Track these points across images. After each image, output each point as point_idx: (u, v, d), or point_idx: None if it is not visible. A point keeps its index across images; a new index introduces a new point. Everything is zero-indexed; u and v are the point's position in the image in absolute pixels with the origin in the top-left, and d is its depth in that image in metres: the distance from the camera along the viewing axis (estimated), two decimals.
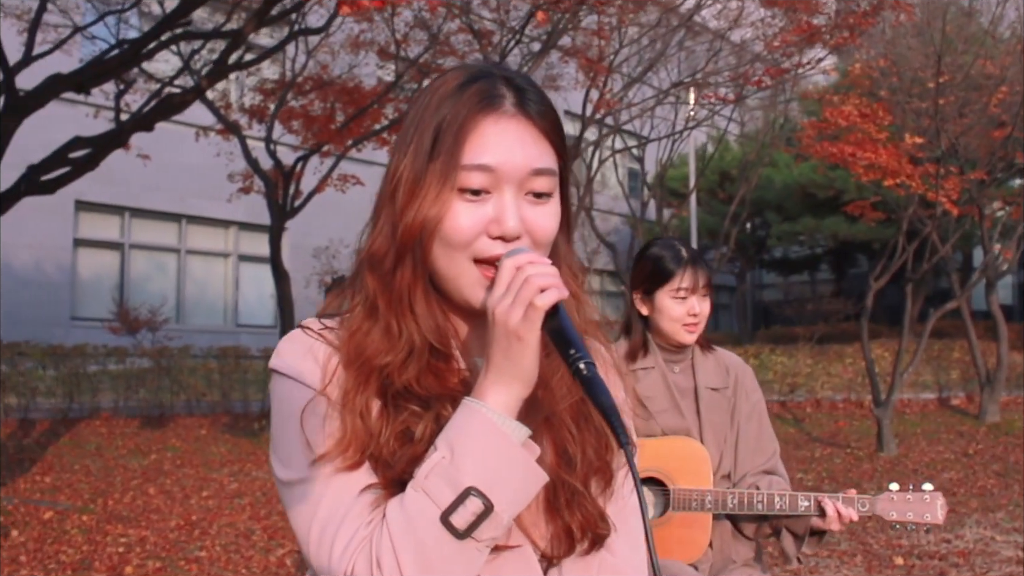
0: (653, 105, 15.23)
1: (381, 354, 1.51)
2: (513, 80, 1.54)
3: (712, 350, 3.73)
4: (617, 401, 1.61)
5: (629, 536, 1.67)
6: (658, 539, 3.45)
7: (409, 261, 1.51)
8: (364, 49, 14.95)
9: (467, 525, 1.39)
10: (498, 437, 1.41)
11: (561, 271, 1.52)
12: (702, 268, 3.54)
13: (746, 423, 3.61)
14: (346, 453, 1.47)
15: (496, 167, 1.48)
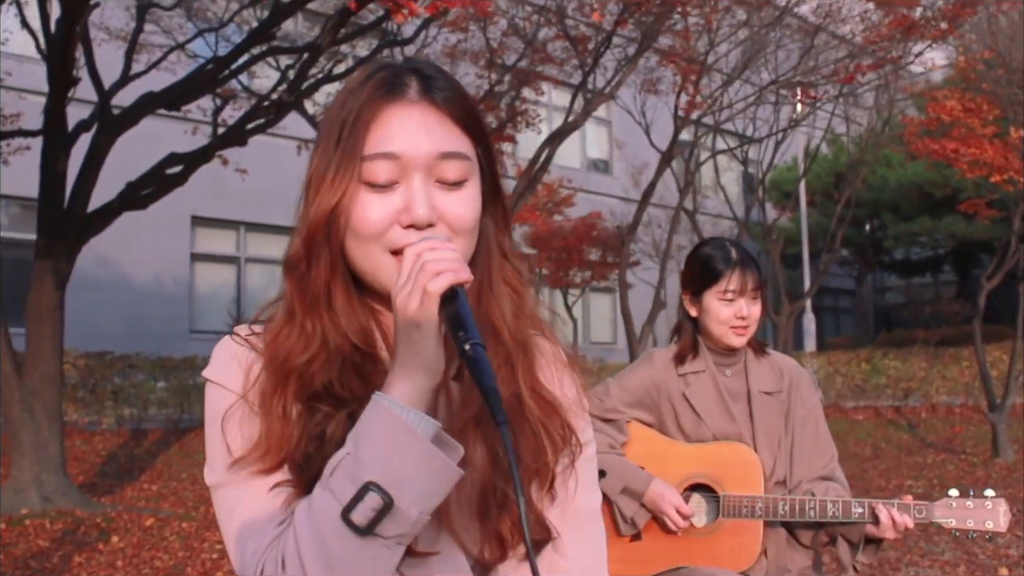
0: (750, 104, 14.94)
1: (296, 356, 1.49)
2: (420, 69, 1.52)
3: (766, 353, 3.63)
4: (557, 396, 1.61)
5: (583, 539, 1.63)
6: (708, 547, 3.38)
7: (323, 259, 1.49)
8: (460, 59, 15.00)
9: (367, 521, 1.34)
10: (399, 430, 1.36)
11: (488, 258, 1.54)
12: (751, 270, 3.46)
13: (802, 428, 3.50)
14: (263, 456, 1.46)
15: (401, 154, 1.45)
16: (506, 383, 1.52)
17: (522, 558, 1.54)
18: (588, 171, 28.46)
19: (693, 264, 3.56)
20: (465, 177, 1.49)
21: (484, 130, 1.55)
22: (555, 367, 1.64)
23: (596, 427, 3.50)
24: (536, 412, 1.55)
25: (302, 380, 1.48)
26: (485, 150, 1.54)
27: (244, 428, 1.49)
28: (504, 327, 1.55)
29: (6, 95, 13.74)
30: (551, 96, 19.58)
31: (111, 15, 13.39)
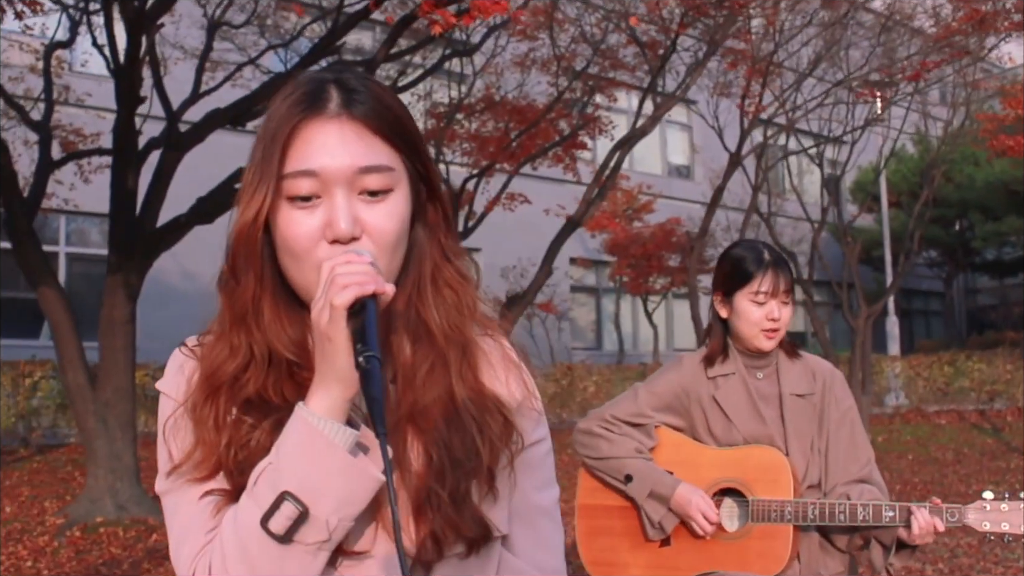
0: (820, 103, 14.70)
1: (224, 368, 1.53)
2: (345, 82, 1.52)
3: (799, 356, 3.58)
4: (501, 395, 1.62)
5: (534, 536, 1.65)
6: (737, 551, 3.35)
7: (250, 272, 1.52)
8: (529, 68, 15.03)
9: (284, 530, 1.39)
10: (314, 440, 1.40)
11: (421, 262, 1.56)
12: (783, 272, 3.41)
13: (836, 431, 3.44)
14: (197, 465, 1.51)
15: (320, 171, 1.47)
16: (438, 382, 1.54)
17: (462, 556, 1.55)
18: (670, 177, 28.36)
19: (724, 264, 3.53)
20: (388, 187, 1.51)
21: (411, 138, 1.56)
22: (500, 367, 1.64)
23: (623, 432, 3.50)
24: (472, 409, 1.56)
25: (232, 390, 1.52)
26: (413, 157, 1.56)
27: (181, 436, 1.54)
28: (437, 327, 1.57)
29: (86, 115, 14.11)
30: (629, 103, 19.51)
31: (187, 34, 13.68)
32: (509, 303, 13.53)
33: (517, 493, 1.63)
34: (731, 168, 13.59)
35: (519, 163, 14.40)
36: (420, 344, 1.55)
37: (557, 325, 23.43)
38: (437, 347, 1.56)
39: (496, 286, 20.82)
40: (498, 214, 15.54)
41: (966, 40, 13.15)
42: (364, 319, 1.39)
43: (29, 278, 8.59)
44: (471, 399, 1.57)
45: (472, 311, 1.62)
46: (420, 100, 15.76)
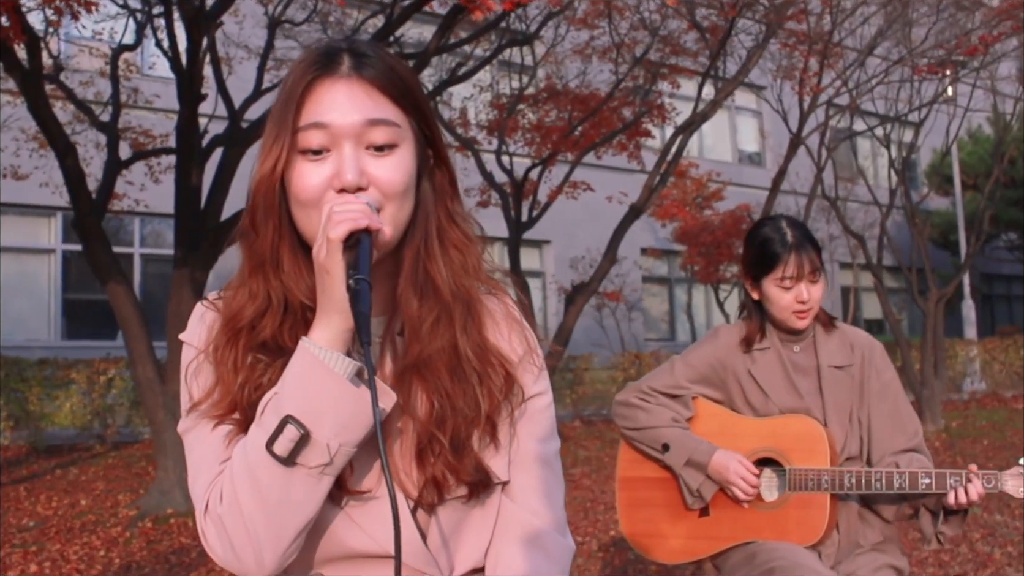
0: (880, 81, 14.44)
1: (244, 313, 1.64)
2: (356, 48, 1.64)
3: (836, 327, 3.56)
4: (503, 350, 1.71)
5: (532, 483, 1.73)
6: (775, 521, 3.36)
7: (269, 223, 1.62)
8: (590, 56, 15.00)
9: (287, 452, 1.49)
10: (316, 368, 1.50)
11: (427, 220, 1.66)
12: (808, 252, 3.37)
13: (879, 403, 3.42)
14: (216, 403, 1.61)
15: (329, 123, 1.57)
16: (442, 335, 1.64)
17: (463, 500, 1.65)
18: (740, 164, 28.12)
19: (750, 249, 3.51)
20: (394, 142, 1.60)
21: (418, 102, 1.66)
22: (504, 324, 1.74)
23: (660, 402, 3.52)
24: (474, 362, 1.65)
25: (251, 335, 1.63)
26: (421, 121, 1.66)
27: (202, 379, 1.66)
28: (443, 282, 1.65)
29: (155, 117, 14.37)
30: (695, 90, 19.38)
31: (251, 34, 13.87)
32: (574, 292, 13.52)
33: (518, 443, 1.71)
34: (791, 151, 13.44)
35: (582, 152, 14.39)
36: (426, 299, 1.64)
37: (628, 315, 23.35)
38: (442, 301, 1.64)
39: (565, 277, 20.83)
40: (567, 206, 15.56)
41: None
42: (357, 251, 1.48)
43: (99, 277, 8.77)
44: (474, 352, 1.66)
45: (476, 271, 1.72)
46: (483, 91, 15.83)
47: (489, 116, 15.16)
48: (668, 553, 3.56)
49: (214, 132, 9.81)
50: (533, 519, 1.70)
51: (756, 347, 3.50)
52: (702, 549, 3.48)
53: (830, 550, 3.33)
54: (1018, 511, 8.15)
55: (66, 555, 7.69)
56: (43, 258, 18.24)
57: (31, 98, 7.99)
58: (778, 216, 3.56)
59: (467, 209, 1.76)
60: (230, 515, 1.52)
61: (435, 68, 13.99)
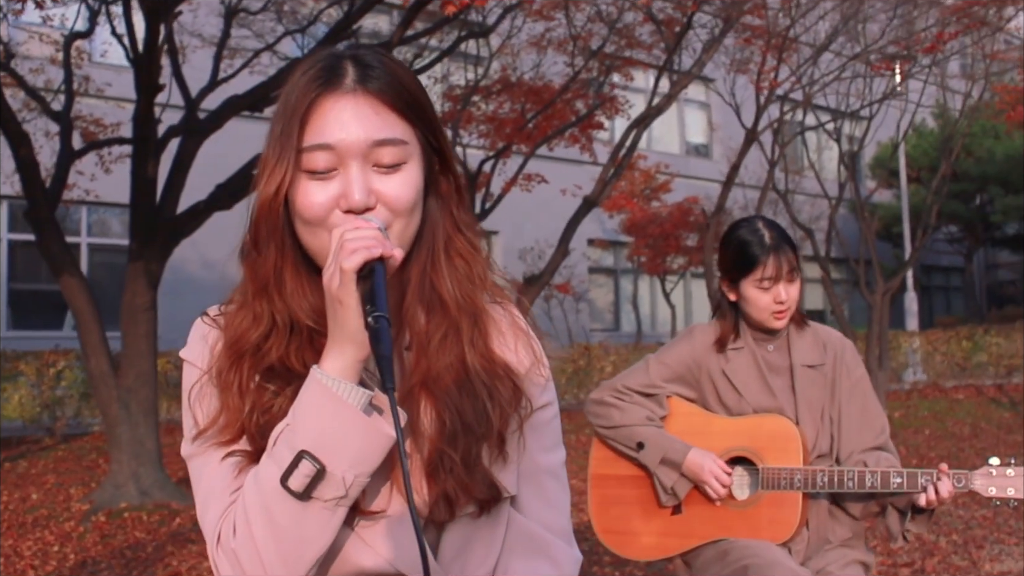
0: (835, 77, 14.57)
1: (248, 336, 1.60)
2: (361, 58, 1.59)
3: (808, 326, 3.61)
4: (511, 362, 1.68)
5: (541, 496, 1.71)
6: (747, 519, 3.40)
7: (272, 243, 1.58)
8: (545, 48, 15.01)
9: (303, 487, 1.46)
10: (329, 400, 1.47)
11: (434, 233, 1.62)
12: (786, 253, 3.41)
13: (848, 401, 3.47)
14: (222, 429, 1.58)
15: (335, 144, 1.53)
16: (450, 350, 1.61)
17: (474, 516, 1.62)
18: (688, 156, 28.30)
19: (727, 250, 3.54)
20: (402, 160, 1.56)
21: (425, 113, 1.62)
22: (510, 335, 1.71)
23: (634, 401, 3.55)
24: (483, 376, 1.63)
25: (256, 357, 1.59)
26: (427, 131, 1.62)
27: (207, 403, 1.61)
28: (450, 297, 1.63)
29: (106, 105, 14.19)
30: (647, 82, 19.47)
31: (204, 22, 13.71)
32: (526, 284, 13.56)
33: (525, 455, 1.69)
34: (746, 145, 13.56)
35: (535, 144, 14.40)
36: (434, 313, 1.61)
37: (575, 306, 23.45)
38: (450, 316, 1.62)
39: (515, 268, 20.85)
40: (517, 197, 15.53)
41: (984, 11, 13.02)
42: (373, 282, 1.44)
43: (52, 268, 8.67)
44: (482, 366, 1.63)
45: (483, 280, 1.68)
46: (437, 83, 15.77)
47: (443, 108, 15.12)
48: (640, 550, 3.60)
49: (168, 122, 9.71)
50: (541, 531, 1.69)
51: (730, 347, 3.55)
52: (674, 546, 3.52)
53: (800, 547, 3.38)
54: (960, 500, 8.31)
55: (19, 551, 7.61)
56: None
57: None
58: (753, 217, 3.59)
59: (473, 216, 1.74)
60: (244, 549, 1.49)
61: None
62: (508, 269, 10.51)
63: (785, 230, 3.53)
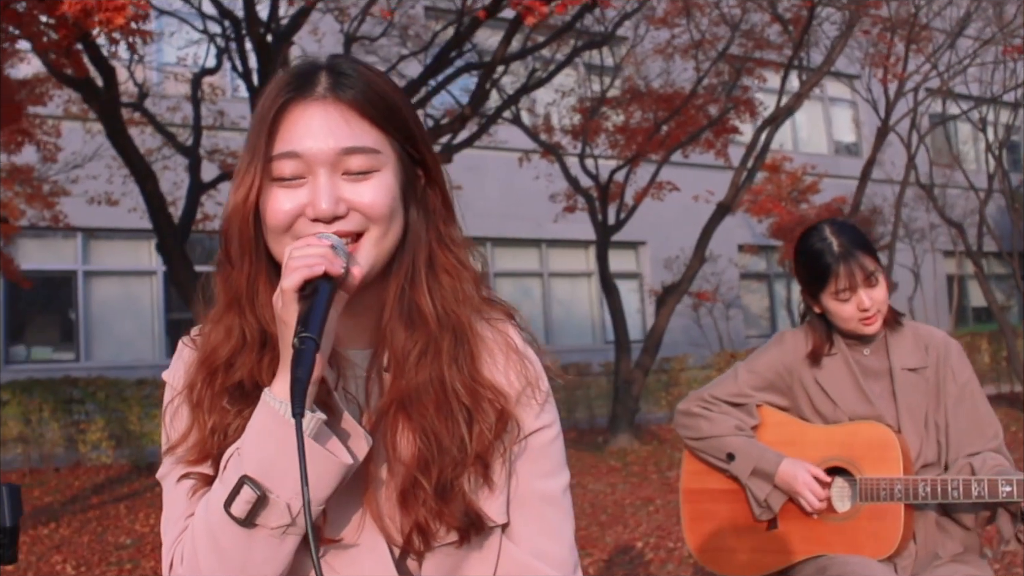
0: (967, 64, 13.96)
1: (219, 351, 1.56)
2: (336, 67, 1.55)
3: (906, 326, 3.38)
4: (499, 384, 1.60)
5: (535, 524, 1.62)
6: (846, 533, 3.22)
7: (245, 254, 1.55)
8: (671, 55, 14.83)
9: (245, 514, 1.41)
10: (275, 424, 1.41)
11: (416, 246, 1.58)
12: (858, 258, 3.18)
13: (956, 406, 3.24)
14: (190, 448, 1.55)
15: (303, 153, 1.49)
16: (428, 367, 1.54)
17: (456, 545, 1.55)
18: (837, 155, 27.62)
19: (799, 264, 3.34)
20: (373, 168, 1.52)
21: (403, 123, 1.57)
22: (500, 356, 1.63)
23: (723, 411, 3.40)
24: (464, 397, 1.55)
25: (227, 374, 1.55)
26: (405, 141, 1.57)
27: (178, 421, 1.59)
28: (430, 312, 1.56)
29: (240, 138, 14.57)
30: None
31: (331, 51, 13.93)
32: (665, 294, 13.38)
33: (518, 481, 1.61)
34: (879, 140, 13.13)
35: (668, 151, 14.22)
36: (413, 329, 1.55)
37: (726, 313, 23.05)
38: (429, 332, 1.56)
39: (661, 278, 20.63)
40: (661, 207, 15.42)
41: None
42: (311, 301, 1.39)
43: (182, 297, 8.91)
44: (464, 386, 1.56)
45: (469, 299, 1.62)
46: (564, 96, 15.73)
47: (574, 121, 15.06)
48: (735, 568, 3.44)
49: None
50: (535, 562, 1.60)
51: (824, 355, 3.35)
52: (771, 563, 3.35)
53: (906, 562, 3.17)
54: None
55: (159, 573, 7.76)
56: (144, 280, 18.62)
57: (109, 126, 8.13)
58: (822, 224, 3.35)
59: (462, 232, 1.67)
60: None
61: (514, 76, 13.92)
62: (655, 279, 10.60)
63: (859, 231, 3.31)
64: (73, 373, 14.12)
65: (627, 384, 13.48)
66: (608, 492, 10.83)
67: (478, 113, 10.65)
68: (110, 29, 5.27)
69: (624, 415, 13.53)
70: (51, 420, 13.07)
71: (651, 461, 12.86)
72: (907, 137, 14.25)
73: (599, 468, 12.64)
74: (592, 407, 16.03)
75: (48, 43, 6.41)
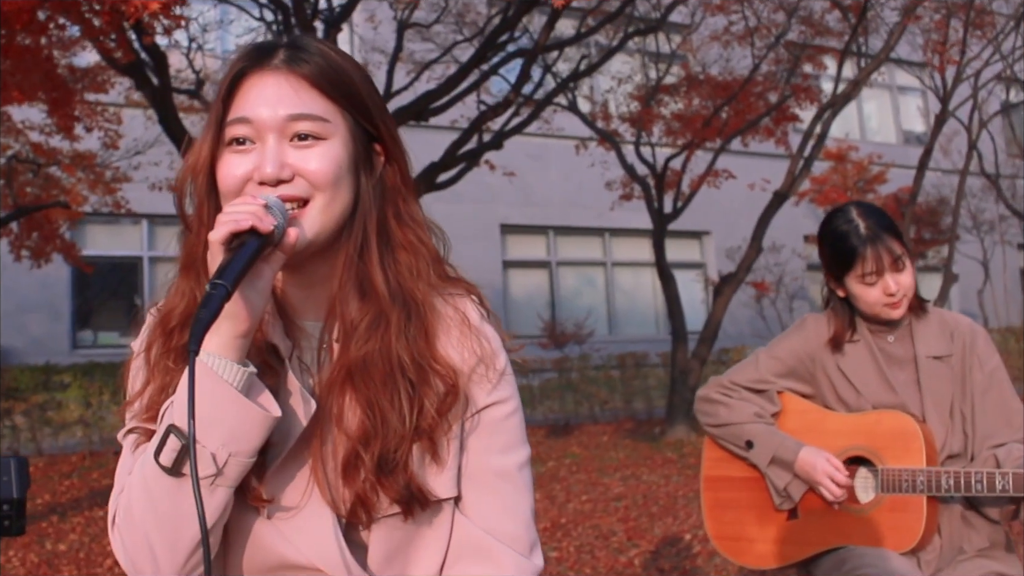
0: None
1: (172, 313, 1.61)
2: (295, 42, 1.62)
3: (931, 312, 3.29)
4: (451, 360, 1.62)
5: (489, 499, 1.64)
6: (869, 525, 3.15)
7: (200, 220, 1.60)
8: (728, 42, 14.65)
9: (171, 462, 1.45)
10: (203, 376, 1.43)
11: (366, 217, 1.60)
12: (885, 242, 3.10)
13: (983, 395, 3.16)
14: (144, 406, 1.60)
15: (253, 118, 1.55)
16: (376, 339, 1.57)
17: (402, 519, 1.58)
18: (907, 144, 27.17)
19: (824, 245, 3.27)
20: (320, 135, 1.57)
21: (358, 97, 1.62)
22: (457, 331, 1.65)
23: (743, 397, 3.35)
24: (411, 372, 1.58)
25: (180, 335, 1.59)
26: (359, 115, 1.62)
27: (136, 382, 1.64)
28: (381, 285, 1.59)
29: None
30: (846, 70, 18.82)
31: (388, 37, 14.00)
32: (722, 283, 13.26)
33: (471, 456, 1.63)
34: (937, 127, 12.88)
35: (727, 138, 14.06)
36: (364, 301, 1.58)
37: (789, 304, 22.81)
38: (380, 305, 1.59)
39: (726, 268, 20.44)
40: (725, 196, 15.31)
41: None
42: (232, 254, 1.43)
43: None
44: (411, 360, 1.58)
45: (425, 275, 1.65)
46: (621, 83, 15.61)
47: (631, 108, 14.96)
48: (755, 558, 3.38)
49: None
50: (486, 538, 1.61)
51: (846, 342, 3.27)
52: (791, 554, 3.29)
53: (931, 556, 3.09)
54: None
55: None
56: None
57: (162, 113, 8.21)
58: (848, 205, 3.27)
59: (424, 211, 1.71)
60: (127, 528, 1.49)
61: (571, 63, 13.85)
62: (719, 268, 10.46)
63: (886, 215, 3.22)
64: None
65: (683, 374, 13.38)
66: (662, 483, 10.78)
67: (525, 96, 10.60)
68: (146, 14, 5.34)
69: (681, 406, 13.41)
70: (111, 404, 13.29)
71: None
72: (968, 124, 13.93)
73: (654, 459, 12.56)
74: (650, 397, 15.97)
75: (97, 29, 6.48)
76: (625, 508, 9.72)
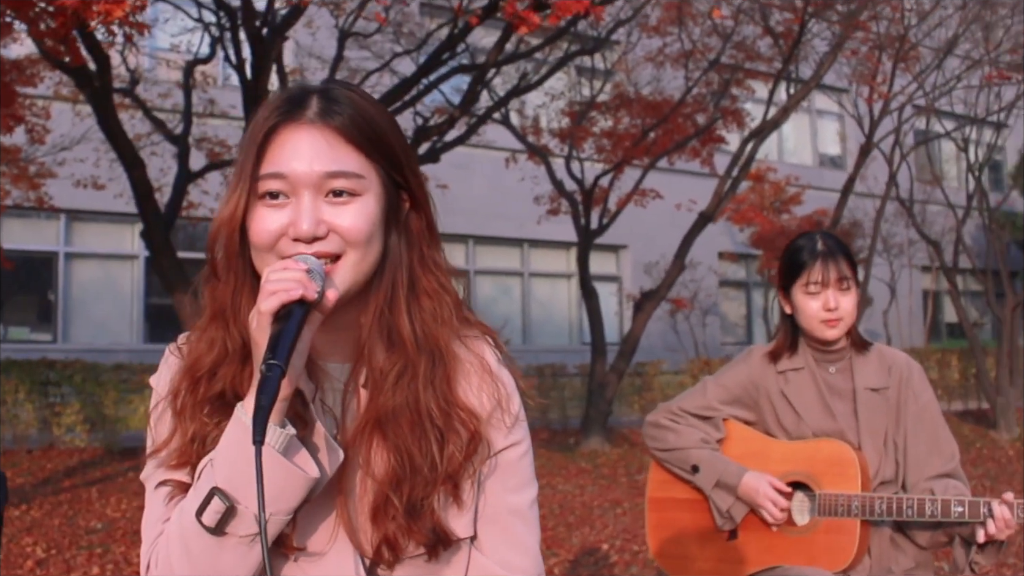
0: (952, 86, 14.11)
1: (202, 361, 1.61)
2: (328, 92, 1.60)
3: (871, 349, 3.48)
4: (472, 405, 1.66)
5: (503, 536, 1.69)
6: (804, 545, 3.31)
7: (230, 269, 1.60)
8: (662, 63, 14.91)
9: (215, 523, 1.48)
10: (246, 440, 1.44)
11: (396, 269, 1.62)
12: (836, 261, 3.30)
13: (916, 426, 3.34)
14: (172, 452, 1.61)
15: (288, 174, 1.55)
16: (405, 389, 1.59)
17: (427, 559, 1.62)
18: (822, 167, 27.74)
19: (781, 259, 3.47)
20: (355, 192, 1.57)
21: (390, 150, 1.63)
22: (475, 377, 1.67)
23: (690, 423, 3.49)
24: (438, 419, 1.61)
25: (210, 384, 1.60)
26: (391, 168, 1.62)
27: (161, 427, 1.64)
28: (408, 335, 1.61)
29: (230, 127, 14.60)
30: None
31: (325, 44, 14.00)
32: (643, 299, 13.48)
33: (487, 496, 1.67)
34: (861, 157, 13.26)
35: (654, 158, 14.30)
36: (392, 350, 1.60)
37: (702, 320, 23.18)
38: (408, 354, 1.60)
39: (641, 283, 20.70)
40: (644, 212, 15.47)
41: None
42: (282, 326, 1.44)
43: (164, 285, 8.95)
44: (438, 408, 1.61)
45: (448, 321, 1.66)
46: (554, 99, 15.79)
47: (562, 123, 15.14)
48: (695, 574, 3.53)
49: None
50: (502, 572, 1.68)
51: (789, 367, 3.44)
52: (728, 572, 3.43)
53: (861, 575, 3.27)
54: None
55: (129, 558, 7.81)
56: (125, 264, 18.57)
57: (100, 113, 8.16)
58: (814, 231, 3.50)
59: (446, 258, 1.72)
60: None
61: (505, 77, 13.99)
62: (634, 283, 10.65)
63: (845, 244, 3.43)
64: (50, 355, 14.10)
65: (601, 387, 13.58)
66: (577, 493, 10.89)
67: (468, 113, 10.70)
68: (108, 21, 5.34)
69: (597, 417, 13.63)
70: (26, 401, 13.08)
71: (621, 464, 12.94)
72: (890, 154, 14.37)
73: (569, 469, 12.70)
74: (566, 408, 16.12)
75: (46, 31, 6.44)
76: (542, 518, 9.77)
